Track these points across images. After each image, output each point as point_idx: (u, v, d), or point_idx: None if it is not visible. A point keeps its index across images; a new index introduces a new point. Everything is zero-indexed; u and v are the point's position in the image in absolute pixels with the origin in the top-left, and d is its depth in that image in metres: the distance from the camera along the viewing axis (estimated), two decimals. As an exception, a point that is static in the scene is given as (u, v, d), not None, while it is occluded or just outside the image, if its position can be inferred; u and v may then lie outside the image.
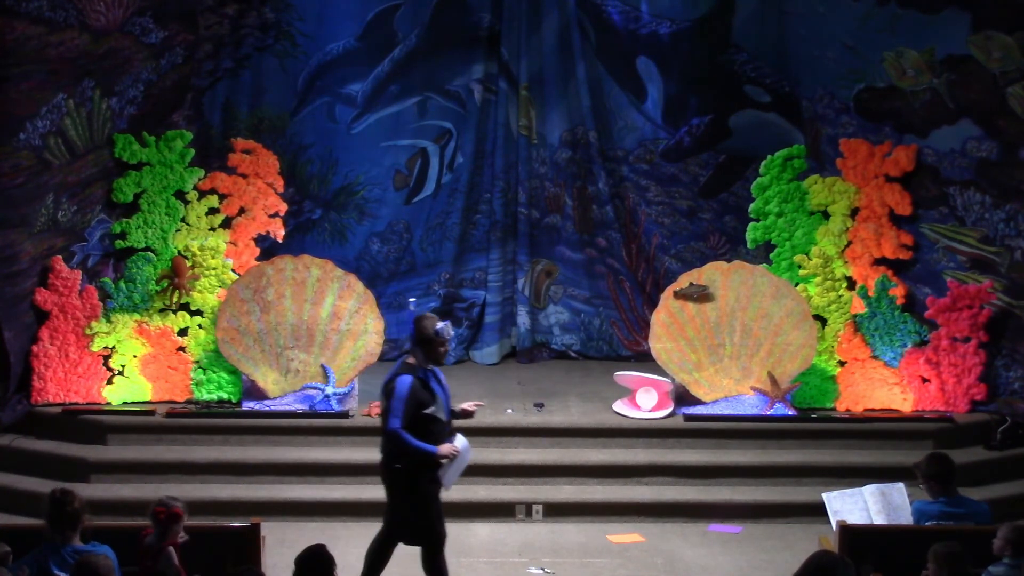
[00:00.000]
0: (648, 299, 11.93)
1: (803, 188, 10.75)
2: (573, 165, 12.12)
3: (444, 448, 7.41)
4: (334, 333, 10.34)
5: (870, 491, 8.15)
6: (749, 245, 11.01)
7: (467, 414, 7.70)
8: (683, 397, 10.42)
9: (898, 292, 10.45)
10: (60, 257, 10.17)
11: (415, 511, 7.52)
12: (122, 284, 10.47)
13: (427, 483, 7.46)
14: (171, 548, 6.64)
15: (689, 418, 10.29)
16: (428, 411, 7.41)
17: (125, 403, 10.37)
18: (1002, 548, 6.61)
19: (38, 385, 10.21)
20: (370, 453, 9.93)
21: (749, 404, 10.38)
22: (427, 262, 12.16)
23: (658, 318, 10.44)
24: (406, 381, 7.38)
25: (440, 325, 7.46)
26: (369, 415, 10.24)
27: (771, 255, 10.83)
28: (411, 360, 7.48)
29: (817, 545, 8.14)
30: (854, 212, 10.62)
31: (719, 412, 10.35)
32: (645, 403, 10.29)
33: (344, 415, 10.25)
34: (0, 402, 10.02)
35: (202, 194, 10.66)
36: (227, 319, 10.29)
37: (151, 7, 10.13)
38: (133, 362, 10.43)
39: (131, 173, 10.48)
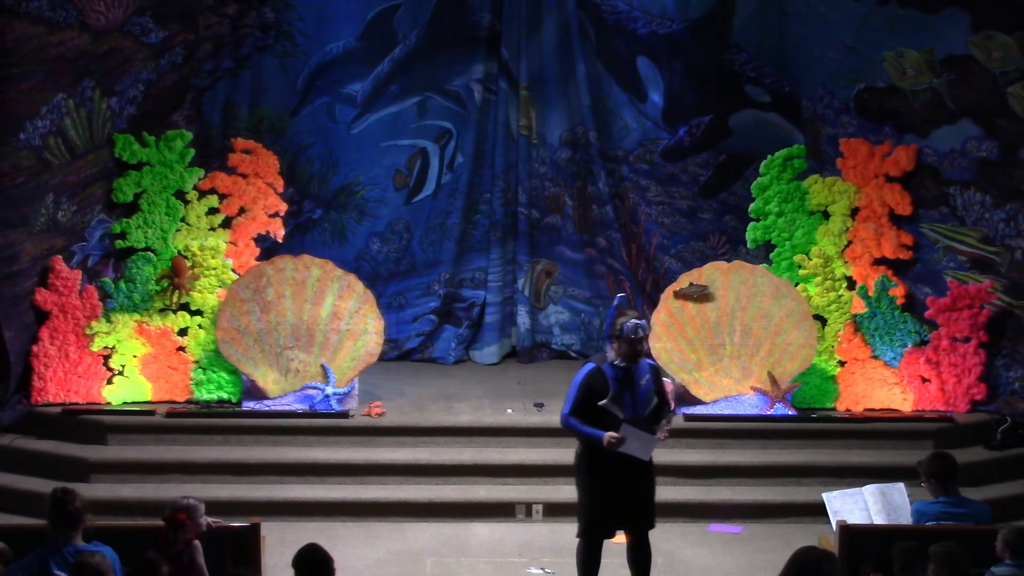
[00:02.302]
0: (648, 299, 11.92)
1: (803, 188, 10.75)
2: (573, 165, 12.12)
3: (607, 435, 7.31)
4: (334, 333, 10.34)
5: (870, 491, 8.15)
6: (749, 245, 11.01)
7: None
8: (683, 397, 10.42)
9: (898, 292, 10.45)
10: (60, 257, 10.17)
11: (583, 496, 7.56)
12: (122, 284, 10.47)
13: (597, 472, 7.45)
14: (197, 541, 6.74)
15: (689, 418, 10.29)
16: (601, 403, 7.37)
17: (125, 403, 10.37)
18: (1002, 551, 6.61)
19: (38, 385, 10.21)
20: (370, 453, 10.00)
21: (749, 404, 10.39)
22: (427, 262, 12.16)
23: (658, 318, 10.44)
24: (584, 369, 7.46)
25: (629, 323, 7.36)
26: (369, 415, 10.25)
27: (771, 255, 10.84)
28: (609, 352, 7.48)
29: (817, 545, 8.15)
30: (854, 212, 10.63)
31: (719, 412, 10.35)
32: (645, 403, 10.28)
33: (344, 415, 10.25)
34: (0, 402, 10.02)
35: (202, 194, 10.66)
36: (227, 319, 10.29)
37: (151, 7, 10.12)
38: (133, 362, 10.43)
39: (131, 173, 10.48)
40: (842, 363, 10.56)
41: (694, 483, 9.78)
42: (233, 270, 10.60)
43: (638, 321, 7.40)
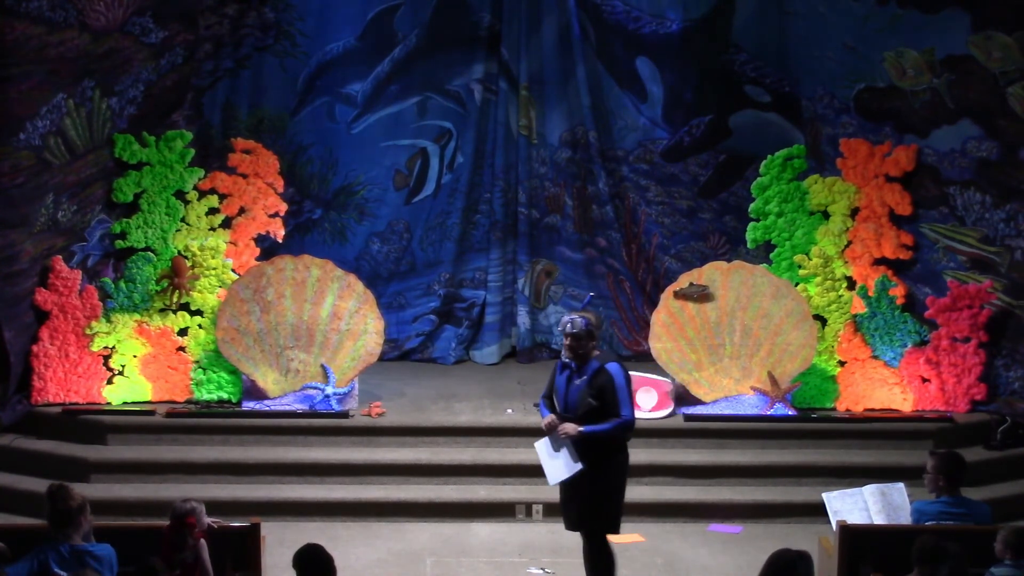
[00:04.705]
0: (648, 299, 11.93)
1: (803, 188, 10.75)
2: (573, 165, 12.12)
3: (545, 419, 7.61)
4: (334, 333, 10.34)
5: (870, 491, 8.15)
6: (749, 245, 11.01)
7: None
8: (683, 397, 10.42)
9: (898, 292, 10.45)
10: (60, 257, 10.18)
11: None
12: (122, 284, 10.47)
13: None
14: (202, 540, 6.76)
15: (689, 418, 10.29)
16: (544, 394, 7.74)
17: (125, 403, 10.37)
18: (1002, 552, 6.59)
19: (38, 385, 10.21)
20: (370, 453, 10.00)
21: (749, 404, 10.39)
22: (427, 262, 12.16)
23: (658, 318, 10.44)
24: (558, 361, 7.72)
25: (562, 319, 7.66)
26: (369, 415, 10.25)
27: (771, 255, 10.84)
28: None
29: (817, 545, 8.15)
30: (854, 212, 10.63)
31: (719, 412, 10.35)
32: (645, 403, 10.30)
33: (344, 415, 10.25)
34: (0, 402, 10.03)
35: (202, 194, 10.66)
36: (227, 319, 10.29)
37: (151, 7, 10.13)
38: (133, 362, 10.43)
39: (131, 173, 10.49)
40: (842, 363, 10.56)
41: (694, 483, 9.78)
42: (233, 270, 10.60)
43: (569, 316, 7.56)
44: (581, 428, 7.38)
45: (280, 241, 10.93)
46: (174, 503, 6.88)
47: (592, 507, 7.49)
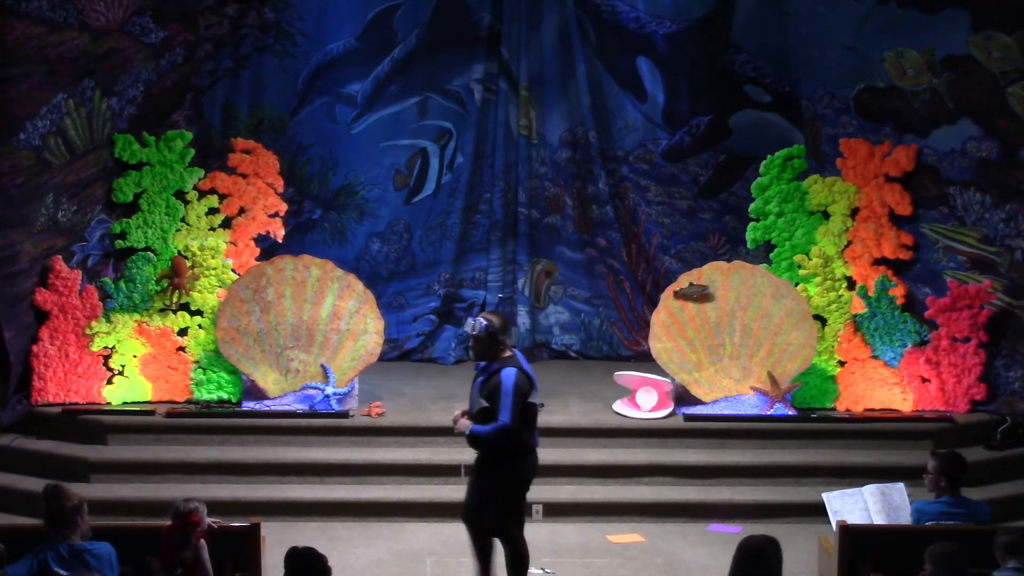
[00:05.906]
0: (648, 299, 11.93)
1: (803, 188, 10.75)
2: (573, 165, 12.12)
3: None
4: (334, 333, 10.34)
5: (870, 491, 8.16)
6: (749, 245, 11.01)
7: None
8: (683, 397, 10.42)
9: (898, 292, 10.46)
10: (60, 257, 10.18)
11: None
12: (122, 284, 10.47)
13: None
14: (203, 540, 6.77)
15: (689, 418, 10.29)
16: None
17: (125, 403, 10.37)
18: (1004, 558, 6.55)
19: (38, 385, 10.21)
20: (370, 453, 10.00)
21: (749, 404, 10.39)
22: (427, 262, 12.16)
23: (658, 318, 10.44)
24: None
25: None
26: (369, 415, 10.25)
27: (771, 255, 10.84)
28: None
29: (817, 545, 8.16)
30: (854, 212, 10.63)
31: (719, 412, 10.35)
32: (645, 403, 10.30)
33: (344, 415, 10.25)
34: (0, 402, 10.03)
35: (202, 194, 10.66)
36: (227, 319, 10.29)
37: (151, 7, 10.13)
38: (133, 362, 10.43)
39: (131, 173, 10.49)
40: (842, 363, 10.56)
41: (694, 483, 9.78)
42: (233, 270, 10.60)
43: (474, 318, 7.72)
44: (470, 426, 7.64)
45: (280, 241, 10.93)
46: (176, 502, 6.89)
47: (477, 507, 7.76)
